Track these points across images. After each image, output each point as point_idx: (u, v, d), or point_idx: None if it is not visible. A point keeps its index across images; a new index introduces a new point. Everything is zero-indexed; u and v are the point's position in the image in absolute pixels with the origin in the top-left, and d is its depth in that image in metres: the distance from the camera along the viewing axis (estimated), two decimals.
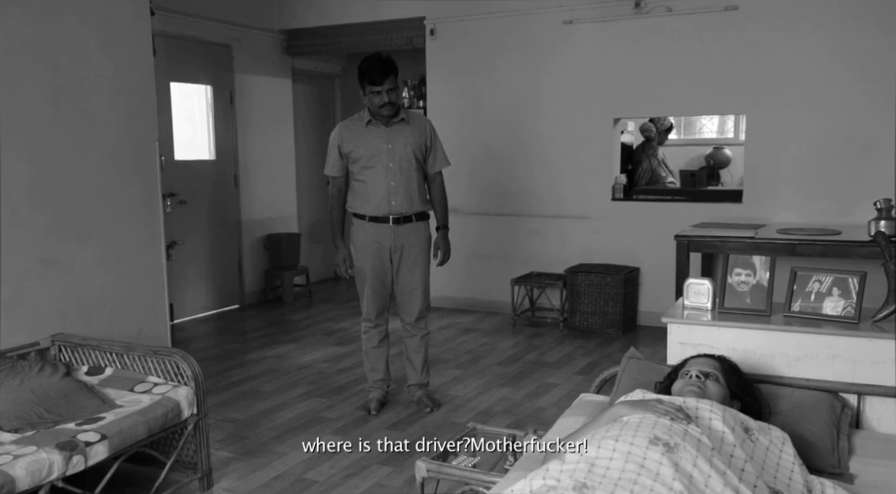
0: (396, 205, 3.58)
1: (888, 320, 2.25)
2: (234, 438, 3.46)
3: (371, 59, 3.50)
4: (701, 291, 2.50)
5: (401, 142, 3.56)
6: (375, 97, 3.47)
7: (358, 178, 3.60)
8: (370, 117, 3.55)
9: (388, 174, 3.55)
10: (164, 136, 4.78)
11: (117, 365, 2.96)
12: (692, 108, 5.81)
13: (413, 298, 3.74)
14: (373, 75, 3.45)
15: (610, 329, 5.31)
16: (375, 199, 3.58)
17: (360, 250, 3.66)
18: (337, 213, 3.70)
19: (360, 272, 3.69)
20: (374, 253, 3.62)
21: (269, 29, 6.50)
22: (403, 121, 3.60)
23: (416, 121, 3.69)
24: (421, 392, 3.88)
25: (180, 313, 5.68)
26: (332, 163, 3.66)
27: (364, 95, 3.52)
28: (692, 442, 1.67)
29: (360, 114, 3.63)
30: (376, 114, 3.54)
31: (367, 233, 3.62)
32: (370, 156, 3.54)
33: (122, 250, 3.50)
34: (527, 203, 5.87)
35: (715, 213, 5.20)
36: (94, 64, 3.36)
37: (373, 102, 3.49)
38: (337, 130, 3.65)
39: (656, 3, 5.22)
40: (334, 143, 3.63)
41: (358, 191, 3.63)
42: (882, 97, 4.71)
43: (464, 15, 5.88)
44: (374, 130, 3.57)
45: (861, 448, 2.07)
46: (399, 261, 3.66)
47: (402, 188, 3.58)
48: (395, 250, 3.64)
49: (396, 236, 3.62)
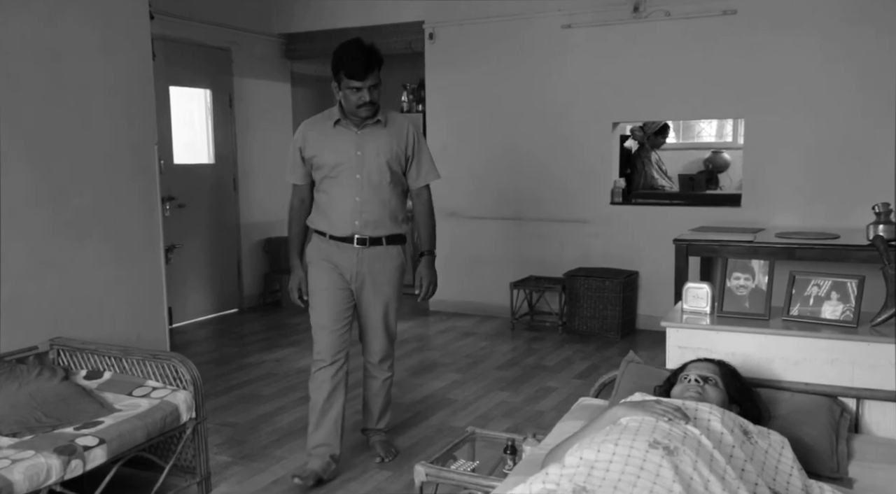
0: (362, 225, 2.97)
1: (887, 324, 2.25)
2: (232, 442, 3.46)
3: (351, 47, 2.83)
4: (700, 295, 2.51)
5: (372, 149, 2.94)
6: (353, 94, 2.83)
7: (320, 189, 3.02)
8: (340, 116, 2.94)
9: (355, 187, 2.94)
10: (163, 140, 4.78)
11: (116, 369, 2.96)
12: (691, 112, 5.81)
13: (375, 336, 3.15)
14: (353, 68, 2.80)
15: (609, 333, 5.31)
16: (338, 216, 2.97)
17: (315, 271, 3.04)
18: (296, 229, 3.10)
19: (314, 298, 3.04)
20: (331, 276, 3.01)
21: (268, 33, 6.51)
22: (380, 123, 2.96)
23: (397, 124, 3.03)
24: (377, 438, 3.32)
25: (179, 317, 5.68)
26: (293, 169, 3.06)
27: (338, 89, 2.88)
28: (692, 446, 1.67)
29: (329, 112, 3.02)
30: (350, 114, 2.92)
31: (324, 252, 3.02)
32: (334, 164, 2.94)
33: (121, 253, 3.50)
34: (526, 207, 5.87)
35: (714, 217, 5.21)
36: (93, 67, 3.37)
37: (349, 100, 2.86)
38: (300, 130, 3.05)
39: (655, 8, 5.23)
40: (295, 145, 3.03)
41: (320, 205, 3.04)
42: (880, 101, 4.72)
43: (463, 19, 5.89)
44: (342, 132, 2.95)
45: (860, 452, 2.07)
46: (360, 291, 3.06)
47: (370, 205, 2.96)
48: (356, 277, 3.03)
49: (360, 261, 3.00)
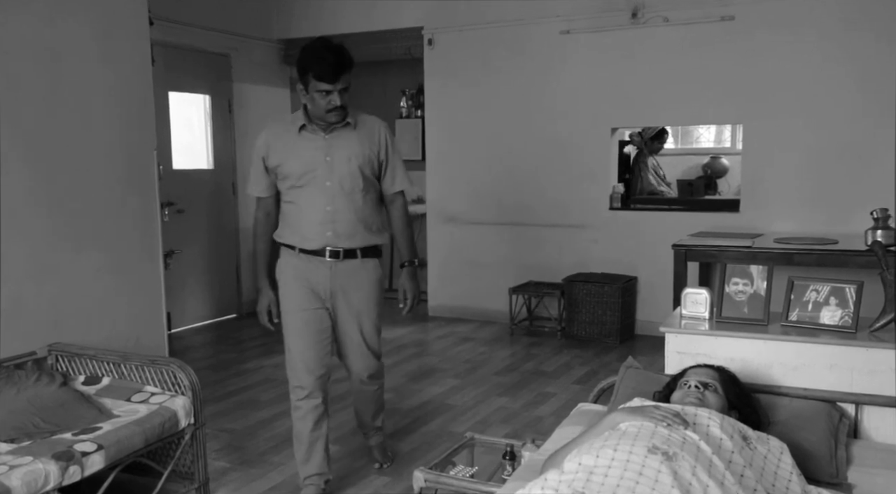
0: (335, 236, 2.74)
1: (885, 329, 2.25)
2: (231, 448, 3.45)
3: (319, 47, 2.60)
4: (698, 301, 2.51)
5: (343, 154, 2.72)
6: (322, 98, 2.61)
7: (287, 199, 2.78)
8: (305, 121, 2.72)
9: (326, 195, 2.72)
10: (162, 145, 4.79)
11: (114, 374, 2.95)
12: (689, 118, 5.83)
13: (357, 357, 2.93)
14: (323, 70, 2.56)
15: (608, 338, 5.31)
16: (308, 227, 2.75)
17: (287, 290, 2.82)
18: (262, 245, 2.87)
19: (287, 320, 2.82)
20: (305, 294, 2.79)
21: (267, 38, 6.53)
22: (349, 126, 2.74)
23: (367, 126, 2.81)
24: (376, 439, 3.22)
25: (178, 322, 5.67)
26: (256, 179, 2.83)
27: (304, 92, 2.65)
28: (691, 451, 1.67)
29: (292, 117, 2.82)
30: (317, 119, 2.70)
31: (295, 268, 2.79)
32: (302, 172, 2.71)
33: (119, 259, 3.50)
34: (525, 212, 5.88)
35: (712, 223, 5.21)
36: (92, 73, 3.37)
37: (317, 105, 2.63)
38: (262, 137, 2.81)
39: (653, 14, 5.25)
40: (258, 154, 2.79)
41: (287, 216, 2.81)
42: (879, 106, 4.73)
43: (462, 25, 5.90)
44: (308, 138, 2.73)
45: (859, 457, 2.07)
46: (336, 309, 2.83)
47: (343, 214, 2.74)
48: (331, 294, 2.80)
49: (334, 275, 2.78)
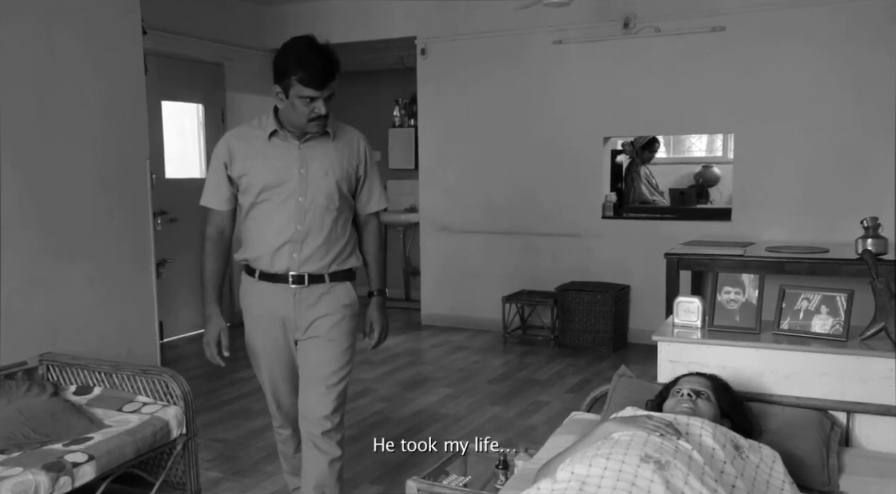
0: (301, 259, 2.40)
1: (876, 338, 2.26)
2: (223, 458, 3.44)
3: (305, 48, 2.26)
4: (690, 309, 2.51)
5: (319, 167, 2.39)
6: (305, 105, 2.27)
7: (250, 216, 2.44)
8: (277, 126, 2.37)
9: (296, 213, 2.38)
10: (155, 154, 4.78)
11: (106, 384, 2.94)
12: (681, 127, 5.86)
13: (318, 400, 2.45)
14: (309, 74, 2.23)
15: (601, 347, 5.31)
16: (271, 248, 2.40)
17: (252, 324, 2.51)
18: (212, 266, 2.47)
19: (256, 360, 2.55)
20: (274, 329, 2.46)
21: (260, 48, 6.53)
22: (327, 135, 2.41)
23: (346, 137, 2.47)
24: None
25: (170, 331, 5.65)
26: (214, 189, 2.46)
27: (283, 96, 2.30)
28: (683, 460, 1.67)
29: (259, 121, 2.44)
30: (292, 126, 2.36)
31: (256, 295, 2.48)
32: (272, 184, 2.37)
33: (111, 268, 3.49)
34: (518, 221, 5.89)
35: (704, 231, 5.23)
36: (85, 82, 3.37)
37: (298, 112, 2.29)
38: (224, 142, 2.44)
39: (645, 24, 5.28)
40: (219, 160, 2.43)
41: (249, 234, 2.46)
42: (868, 115, 4.77)
43: (455, 34, 5.93)
44: (280, 146, 2.38)
45: (851, 465, 2.08)
46: (300, 341, 2.48)
47: (313, 236, 2.40)
48: (296, 324, 2.45)
49: (298, 303, 2.43)
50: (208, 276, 2.49)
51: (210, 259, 2.48)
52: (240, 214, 2.50)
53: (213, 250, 2.49)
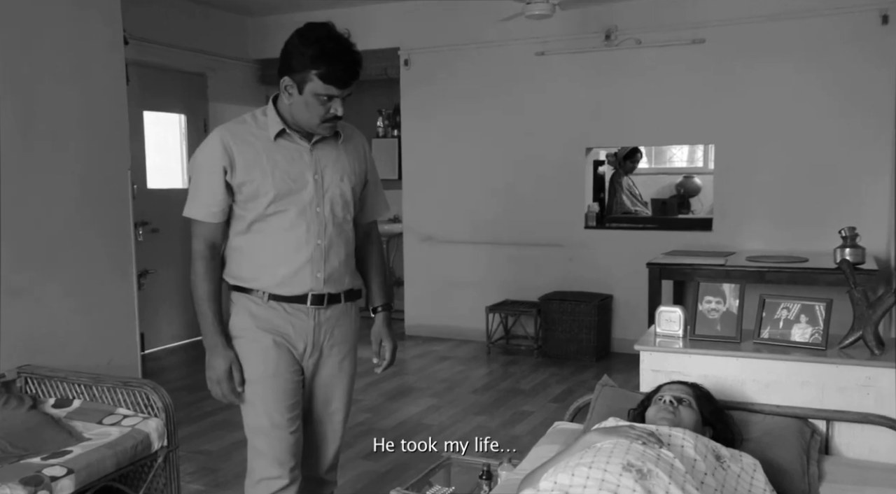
0: (325, 278, 2.11)
1: (854, 346, 2.29)
2: (205, 470, 3.41)
3: (329, 40, 1.96)
4: (672, 319, 2.53)
5: (335, 172, 2.13)
6: (322, 104, 1.99)
7: (254, 230, 2.09)
8: (283, 125, 2.06)
9: (316, 226, 2.09)
10: (136, 165, 4.75)
11: (86, 396, 2.91)
12: (662, 138, 5.91)
13: (332, 437, 2.26)
14: (334, 70, 1.95)
15: (584, 356, 5.33)
16: (290, 268, 2.09)
17: (253, 349, 2.11)
18: (209, 287, 2.09)
19: (254, 389, 2.11)
20: (280, 355, 2.11)
21: (243, 58, 6.53)
22: (337, 135, 2.14)
23: (353, 138, 2.23)
24: None
25: (152, 343, 5.60)
26: (206, 198, 2.06)
27: (295, 92, 1.99)
28: (665, 469, 1.68)
29: (254, 118, 2.10)
30: (300, 126, 2.06)
31: (261, 320, 2.11)
32: (285, 193, 2.05)
33: (92, 279, 3.46)
34: (501, 231, 5.90)
35: (686, 241, 5.28)
36: (65, 92, 3.35)
37: (311, 111, 2.00)
38: (218, 143, 2.04)
39: (626, 36, 5.34)
40: (215, 163, 2.03)
41: (251, 252, 2.11)
42: (847, 126, 4.85)
43: (438, 46, 5.95)
44: (289, 148, 2.08)
45: (831, 473, 2.10)
46: (316, 369, 2.18)
47: (336, 250, 2.13)
48: (312, 351, 2.16)
49: (318, 327, 2.14)
50: (206, 300, 2.09)
51: (205, 280, 2.09)
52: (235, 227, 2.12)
53: (207, 269, 2.10)
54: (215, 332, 2.08)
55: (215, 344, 2.09)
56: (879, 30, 4.70)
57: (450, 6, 5.83)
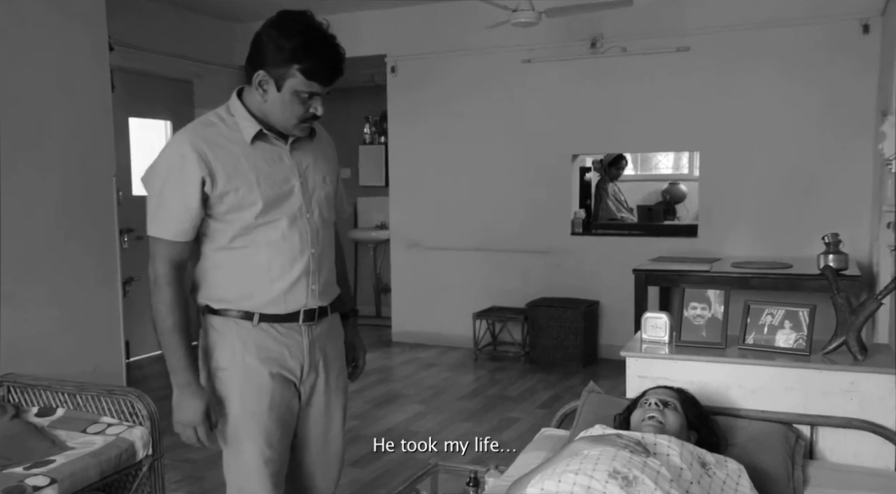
0: (319, 290, 1.93)
1: (837, 352, 2.31)
2: (190, 479, 3.38)
3: (313, 32, 1.77)
4: (658, 325, 2.54)
5: (317, 173, 1.94)
6: (300, 103, 1.80)
7: (235, 246, 1.85)
8: (259, 126, 1.84)
9: (306, 234, 1.89)
10: (122, 171, 4.72)
11: (69, 405, 2.88)
12: (648, 145, 5.95)
13: (330, 466, 2.07)
14: (320, 66, 1.76)
15: (571, 362, 5.34)
16: (284, 282, 1.87)
17: (244, 387, 1.88)
18: (179, 317, 1.81)
19: (249, 425, 1.89)
20: (273, 388, 1.89)
21: (229, 65, 6.51)
22: (312, 134, 1.95)
23: (324, 138, 2.03)
24: None
25: (137, 350, 5.56)
26: (177, 213, 1.80)
27: (272, 89, 1.79)
28: (651, 475, 1.69)
29: (220, 118, 1.88)
30: (278, 125, 1.85)
31: (257, 348, 1.87)
32: (273, 199, 1.84)
33: (76, 286, 3.44)
34: (488, 237, 5.91)
35: (672, 247, 5.31)
36: (50, 99, 3.33)
37: (289, 109, 1.80)
38: (187, 146, 1.79)
39: (611, 44, 5.37)
40: (190, 171, 1.78)
41: (237, 269, 1.87)
42: (830, 133, 4.90)
43: (425, 53, 5.97)
44: (268, 151, 1.86)
45: (815, 477, 2.11)
46: (312, 391, 1.98)
47: (326, 257, 1.97)
48: (308, 371, 1.94)
49: (312, 345, 1.94)
50: (175, 332, 1.81)
51: (174, 308, 1.80)
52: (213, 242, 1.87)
53: (176, 295, 1.81)
54: (187, 368, 1.83)
55: (188, 382, 1.83)
56: (860, 39, 4.76)
57: (437, 14, 5.85)
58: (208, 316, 1.90)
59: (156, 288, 1.82)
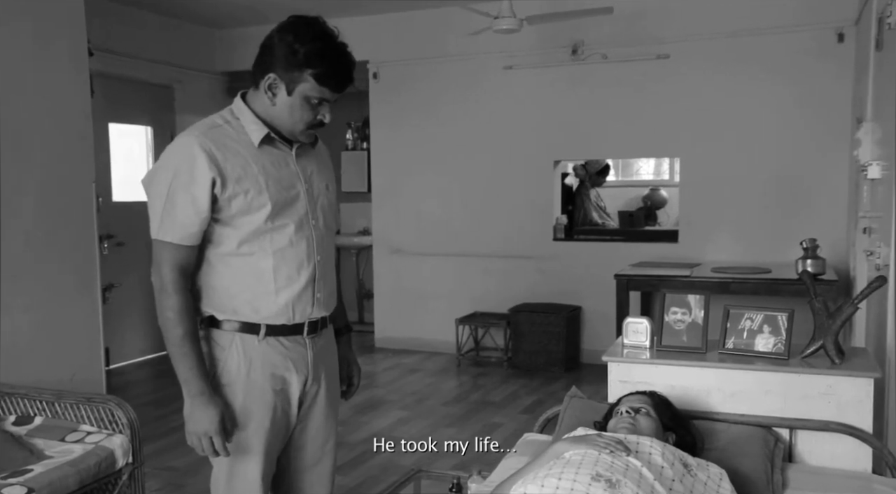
0: (323, 300, 1.91)
1: (815, 356, 2.34)
2: (171, 487, 3.36)
3: (328, 39, 1.81)
4: (639, 330, 2.56)
5: (321, 180, 1.93)
6: (309, 109, 1.79)
7: (245, 251, 1.81)
8: (266, 129, 1.82)
9: (312, 241, 1.87)
10: (101, 178, 4.69)
11: (48, 413, 2.85)
12: (628, 151, 6.00)
13: (330, 470, 2.04)
14: (333, 72, 1.78)
15: (554, 367, 5.36)
16: (292, 291, 1.83)
17: (249, 403, 1.84)
18: (189, 326, 1.77)
19: (248, 441, 1.84)
20: (275, 405, 1.86)
21: (210, 71, 6.49)
22: (315, 141, 1.96)
23: (321, 146, 2.01)
24: None
25: (117, 357, 5.51)
26: (185, 216, 1.76)
27: (282, 93, 1.78)
28: (633, 478, 1.70)
29: (225, 120, 1.86)
30: (284, 130, 1.83)
31: (263, 364, 1.83)
32: (281, 203, 1.81)
33: (55, 293, 3.40)
34: (470, 243, 5.93)
35: (653, 253, 5.35)
36: (28, 103, 3.30)
37: (299, 114, 1.79)
38: (196, 148, 1.76)
39: (592, 51, 5.41)
40: (200, 174, 1.74)
41: (245, 277, 1.82)
42: (808, 140, 4.97)
43: (406, 59, 5.98)
44: (275, 155, 1.84)
45: (794, 480, 2.13)
46: (313, 403, 1.95)
47: (329, 265, 1.94)
48: (310, 385, 1.92)
49: (315, 359, 1.91)
50: (185, 341, 1.76)
51: (184, 316, 1.76)
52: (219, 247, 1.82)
53: (185, 303, 1.77)
54: (199, 377, 1.76)
55: (201, 391, 1.75)
56: (836, 47, 4.84)
57: (419, 20, 5.87)
58: (211, 329, 1.85)
59: (164, 295, 1.78)
